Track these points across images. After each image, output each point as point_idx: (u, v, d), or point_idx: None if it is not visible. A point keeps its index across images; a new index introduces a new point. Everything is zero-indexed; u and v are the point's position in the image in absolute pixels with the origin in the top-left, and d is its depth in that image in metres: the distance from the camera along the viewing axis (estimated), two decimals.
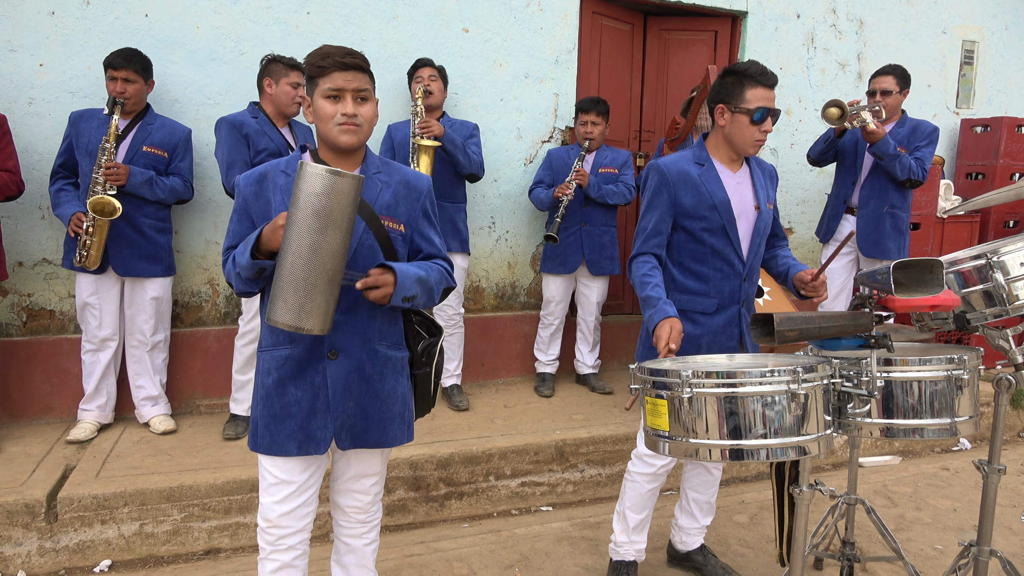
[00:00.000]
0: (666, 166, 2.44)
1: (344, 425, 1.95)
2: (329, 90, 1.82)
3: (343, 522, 2.14)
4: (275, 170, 1.94)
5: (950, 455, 4.32)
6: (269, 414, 1.94)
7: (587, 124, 4.16)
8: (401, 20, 4.20)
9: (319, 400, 1.93)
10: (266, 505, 1.98)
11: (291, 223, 1.67)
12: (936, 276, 1.85)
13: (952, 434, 1.96)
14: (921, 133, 4.18)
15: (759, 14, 5.05)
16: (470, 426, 3.76)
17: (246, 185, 1.93)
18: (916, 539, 3.22)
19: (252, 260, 1.77)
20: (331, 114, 1.83)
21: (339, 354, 1.92)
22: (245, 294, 1.94)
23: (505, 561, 2.98)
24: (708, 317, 2.46)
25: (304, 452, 1.94)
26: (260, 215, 1.90)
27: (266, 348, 1.96)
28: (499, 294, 4.69)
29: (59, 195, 3.46)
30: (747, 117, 2.34)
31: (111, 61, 3.36)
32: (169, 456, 3.32)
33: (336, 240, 1.68)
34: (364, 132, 1.88)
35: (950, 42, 5.73)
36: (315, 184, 1.64)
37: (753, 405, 1.73)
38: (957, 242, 5.32)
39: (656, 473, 2.58)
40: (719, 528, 3.28)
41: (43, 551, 2.88)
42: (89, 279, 3.48)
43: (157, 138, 3.51)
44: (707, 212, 2.41)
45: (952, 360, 1.95)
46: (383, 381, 1.98)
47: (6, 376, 3.64)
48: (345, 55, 1.82)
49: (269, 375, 1.95)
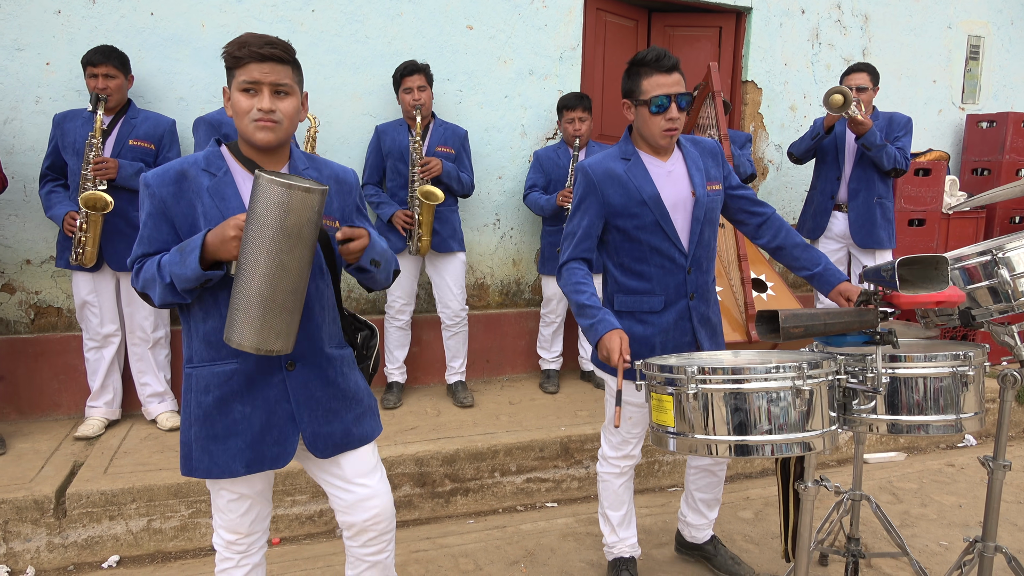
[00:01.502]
0: (591, 166, 2.36)
1: (317, 434, 1.85)
2: (245, 82, 1.67)
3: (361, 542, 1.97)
4: (194, 169, 1.76)
5: (955, 451, 4.31)
6: (208, 435, 1.79)
7: (574, 121, 4.11)
8: (405, 17, 4.20)
9: (275, 415, 1.81)
10: (232, 520, 1.89)
11: (253, 240, 1.54)
12: (941, 272, 1.85)
13: (957, 430, 1.96)
14: (897, 124, 4.24)
15: (764, 10, 5.04)
16: (475, 423, 3.77)
17: (160, 186, 1.73)
18: (921, 535, 3.23)
19: (200, 271, 1.61)
20: (247, 109, 1.68)
21: (296, 364, 1.81)
22: (168, 306, 1.75)
23: (511, 557, 3.00)
24: (657, 316, 2.38)
25: (254, 470, 1.81)
26: (183, 219, 1.74)
27: (201, 363, 1.79)
28: (503, 291, 4.69)
29: (50, 197, 3.46)
30: (646, 107, 2.26)
31: (90, 59, 3.36)
32: (176, 452, 3.34)
33: (304, 257, 1.59)
34: (284, 129, 1.72)
35: (956, 37, 5.71)
36: (282, 201, 1.51)
37: (758, 401, 1.73)
38: (962, 238, 5.31)
39: (622, 471, 2.60)
40: (724, 524, 3.29)
41: (52, 547, 2.91)
42: (86, 278, 3.49)
43: (142, 131, 3.51)
44: (637, 208, 2.32)
45: (957, 356, 1.95)
46: (346, 380, 1.91)
47: (14, 373, 3.66)
48: (263, 44, 1.67)
49: (208, 393, 1.78)
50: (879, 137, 4.07)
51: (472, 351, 4.38)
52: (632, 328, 2.37)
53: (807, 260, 2.42)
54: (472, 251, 4.54)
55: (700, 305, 2.43)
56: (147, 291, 1.74)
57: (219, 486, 1.88)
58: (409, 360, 4.27)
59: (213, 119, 3.43)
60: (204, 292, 1.74)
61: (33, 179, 3.63)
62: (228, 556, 1.95)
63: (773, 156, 5.29)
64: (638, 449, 2.59)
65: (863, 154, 4.19)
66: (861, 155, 4.21)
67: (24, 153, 3.63)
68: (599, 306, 2.25)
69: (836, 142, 4.32)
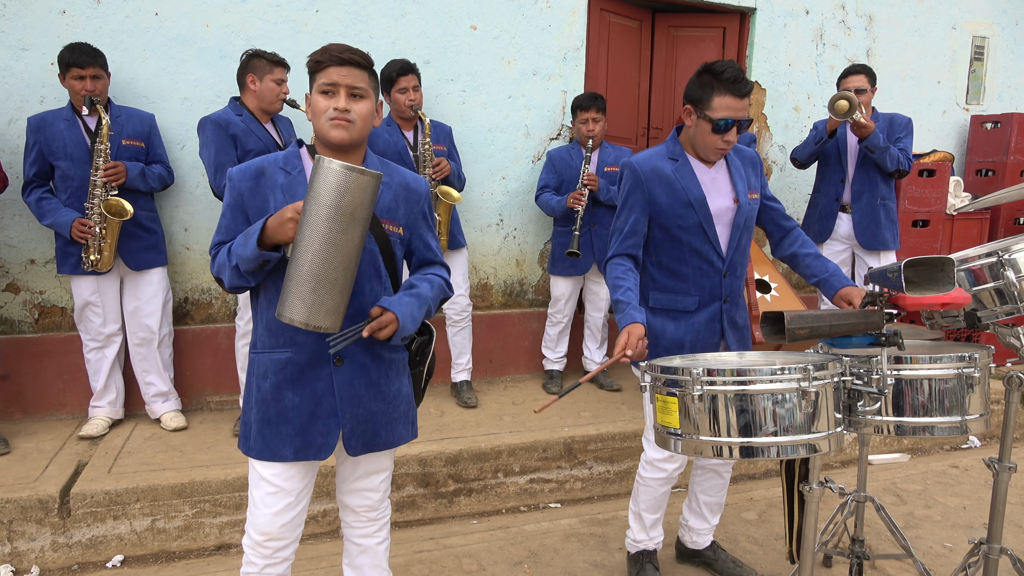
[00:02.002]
0: (639, 164, 2.39)
1: (354, 432, 1.93)
2: (324, 84, 1.79)
3: (354, 523, 2.12)
4: (272, 167, 1.88)
5: (959, 453, 4.30)
6: (263, 418, 1.89)
7: (588, 122, 4.11)
8: (409, 18, 4.20)
9: (321, 406, 1.89)
10: (264, 517, 1.92)
11: (309, 218, 1.63)
12: (947, 274, 1.85)
13: (963, 432, 1.95)
14: (899, 125, 4.24)
15: (768, 10, 5.04)
16: (479, 423, 3.77)
17: (241, 180, 1.86)
18: (925, 537, 3.22)
19: (258, 251, 1.72)
20: (324, 109, 1.79)
21: (344, 360, 1.89)
22: (237, 289, 1.87)
23: (514, 557, 2.99)
24: (690, 315, 2.43)
25: (300, 458, 1.89)
26: (257, 212, 1.85)
27: (263, 350, 1.90)
28: (507, 291, 4.69)
29: (41, 204, 3.38)
30: (710, 125, 2.28)
31: (76, 60, 3.28)
32: (180, 452, 3.35)
33: (356, 238, 1.67)
34: (357, 129, 1.82)
35: (960, 38, 5.70)
36: (339, 181, 1.61)
37: (764, 403, 1.73)
38: (967, 239, 5.29)
39: (669, 477, 2.58)
40: (728, 525, 3.28)
41: (56, 546, 2.91)
42: (89, 279, 3.47)
43: (131, 130, 3.49)
44: (682, 209, 2.36)
45: (963, 358, 1.95)
46: (389, 384, 1.97)
47: (19, 373, 3.67)
48: (343, 51, 1.79)
49: (266, 378, 1.89)
50: (882, 139, 4.08)
51: (476, 351, 4.38)
52: (664, 325, 2.41)
53: (818, 268, 2.49)
54: (475, 251, 4.54)
55: (731, 308, 2.49)
56: (220, 275, 1.84)
57: (260, 475, 1.92)
58: None
59: (220, 119, 3.41)
60: (268, 280, 1.85)
61: None
62: (253, 560, 1.96)
63: (777, 157, 5.28)
64: None
65: (865, 156, 4.19)
66: (863, 157, 4.21)
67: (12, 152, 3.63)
68: (631, 301, 2.30)
69: (838, 145, 4.32)
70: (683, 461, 2.57)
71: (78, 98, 3.34)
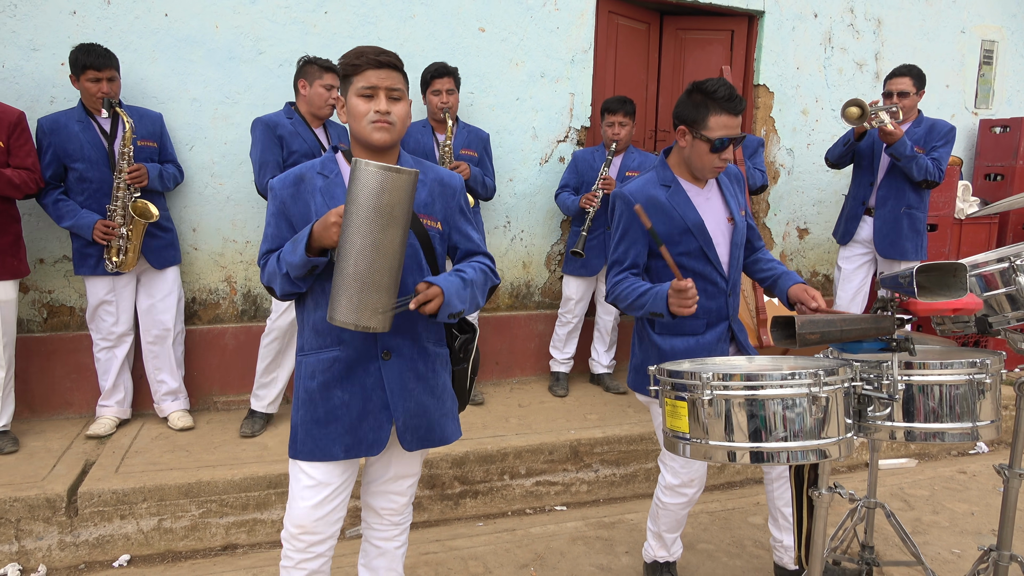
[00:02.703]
0: (632, 194, 2.34)
1: (407, 426, 1.93)
2: (363, 88, 1.81)
3: (376, 524, 2.12)
4: (311, 172, 1.92)
5: (967, 458, 4.28)
6: (312, 418, 1.90)
7: (614, 125, 4.10)
8: (418, 20, 4.21)
9: (371, 402, 1.90)
10: (300, 510, 1.91)
11: (351, 221, 1.65)
12: (960, 280, 1.84)
13: (973, 438, 1.94)
14: (938, 133, 4.14)
15: (776, 13, 5.03)
16: (485, 425, 3.77)
17: (282, 188, 1.90)
18: (933, 543, 3.20)
19: (306, 257, 1.75)
20: (364, 112, 1.81)
21: (392, 354, 1.90)
22: (289, 296, 1.90)
23: (520, 560, 2.99)
24: (699, 336, 2.41)
25: (352, 455, 1.90)
26: (299, 218, 1.88)
27: (310, 351, 1.92)
28: (514, 293, 4.69)
29: (60, 206, 3.39)
30: (707, 145, 2.26)
31: (93, 63, 3.29)
32: (187, 452, 3.35)
33: (397, 237, 1.69)
34: (397, 130, 1.85)
35: (969, 42, 5.68)
36: (376, 182, 1.63)
37: (774, 407, 1.72)
38: (975, 244, 5.27)
39: (690, 500, 2.54)
40: (735, 529, 3.27)
41: (63, 545, 2.92)
42: (106, 279, 3.49)
43: (143, 130, 3.51)
44: (681, 236, 2.33)
45: (974, 364, 1.94)
46: (436, 378, 1.98)
47: (27, 372, 3.68)
48: (379, 53, 1.82)
49: (313, 378, 1.90)
50: (909, 147, 3.98)
51: (482, 353, 4.38)
52: (673, 343, 2.38)
53: (768, 268, 2.53)
54: None
55: (735, 325, 2.48)
56: (271, 284, 1.88)
57: (299, 467, 1.92)
58: None
59: (270, 120, 3.51)
60: (315, 283, 1.86)
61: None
62: (288, 554, 1.97)
63: (785, 160, 5.27)
64: (704, 469, 2.51)
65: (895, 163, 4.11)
66: (893, 163, 4.12)
67: None
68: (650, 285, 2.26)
69: (873, 148, 4.24)
70: (702, 483, 2.53)
71: (92, 100, 3.35)
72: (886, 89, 4.19)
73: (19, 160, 3.27)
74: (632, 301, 2.29)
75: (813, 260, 5.49)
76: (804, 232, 5.42)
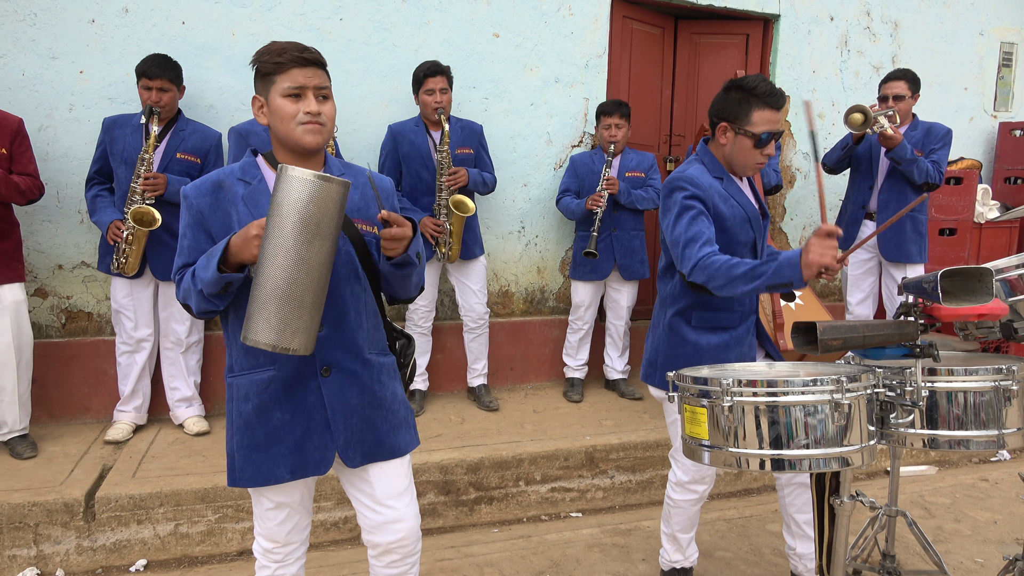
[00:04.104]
0: (696, 178, 2.30)
1: (350, 442, 1.83)
2: (289, 88, 1.69)
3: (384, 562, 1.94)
4: (230, 178, 1.78)
5: (989, 466, 4.22)
6: (250, 444, 1.79)
7: (611, 128, 4.11)
8: (432, 26, 4.22)
9: (314, 420, 1.80)
10: (269, 529, 1.89)
11: (272, 233, 1.51)
12: (985, 285, 1.81)
13: (1000, 447, 1.91)
14: (935, 136, 4.12)
15: (792, 17, 5.00)
16: (500, 431, 3.76)
17: (198, 196, 1.76)
18: (955, 551, 3.16)
19: (219, 273, 1.60)
20: (292, 113, 1.70)
21: (332, 370, 1.80)
22: (206, 315, 1.75)
23: (536, 567, 2.97)
24: (732, 329, 2.40)
25: (299, 476, 1.81)
26: (220, 228, 1.75)
27: (241, 372, 1.80)
28: (528, 299, 4.68)
29: (95, 201, 3.51)
30: (751, 140, 2.24)
31: (145, 70, 3.37)
32: (203, 457, 3.36)
33: (324, 252, 1.55)
34: (327, 131, 1.75)
35: (988, 44, 5.62)
36: (302, 191, 1.49)
37: (795, 414, 1.70)
38: (995, 248, 5.21)
39: (700, 497, 2.54)
40: (753, 537, 3.24)
41: (81, 550, 2.93)
42: (124, 282, 3.54)
43: (190, 144, 3.54)
44: (741, 227, 2.33)
45: (1000, 370, 1.90)
46: (383, 389, 1.89)
47: (45, 377, 3.71)
48: (303, 50, 1.71)
49: (248, 401, 1.79)
50: (910, 151, 3.96)
51: (496, 359, 4.37)
52: (708, 338, 2.37)
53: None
54: (497, 258, 4.53)
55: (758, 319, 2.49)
56: (187, 301, 1.75)
57: (259, 493, 1.87)
58: (431, 367, 4.26)
59: (242, 129, 3.48)
60: (240, 298, 1.73)
61: (66, 185, 3.69)
62: (265, 564, 1.95)
63: (801, 164, 5.23)
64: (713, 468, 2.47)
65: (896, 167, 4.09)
66: (893, 167, 4.11)
67: (58, 160, 3.69)
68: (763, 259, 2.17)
69: (871, 152, 4.23)
70: (712, 480, 2.53)
71: (146, 107, 3.41)
72: (881, 93, 4.16)
73: (21, 167, 3.30)
74: (743, 272, 2.06)
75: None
76: None
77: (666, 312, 2.44)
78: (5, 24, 3.55)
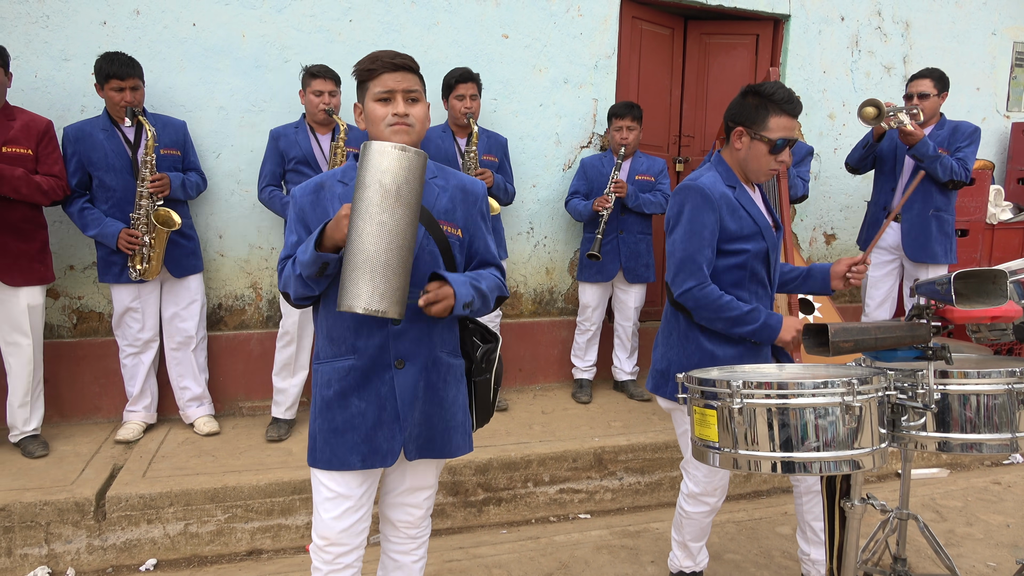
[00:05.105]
0: (708, 187, 2.28)
1: (411, 435, 1.90)
2: (380, 92, 1.79)
3: (393, 537, 2.09)
4: (331, 180, 1.90)
5: (1001, 469, 4.18)
6: (329, 428, 1.87)
7: (622, 130, 4.11)
8: (442, 27, 4.22)
9: (385, 411, 1.87)
10: (324, 522, 1.90)
11: (357, 206, 1.62)
12: (999, 287, 1.79)
13: (1013, 450, 1.89)
14: (962, 134, 4.06)
15: (802, 17, 4.98)
16: (508, 432, 3.75)
17: (302, 196, 1.89)
18: (967, 555, 3.13)
19: (316, 252, 1.70)
20: (382, 116, 1.79)
21: (406, 363, 1.86)
22: (303, 301, 1.86)
23: (544, 568, 2.97)
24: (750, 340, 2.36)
25: (369, 465, 1.87)
26: (318, 224, 1.83)
27: (325, 359, 1.90)
28: (537, 300, 4.68)
29: (85, 215, 3.42)
30: (767, 146, 2.23)
31: (116, 72, 3.30)
32: (213, 457, 3.37)
33: (406, 219, 1.63)
34: (416, 132, 1.82)
35: (1000, 44, 5.58)
36: (381, 160, 1.60)
37: (806, 417, 1.69)
38: (1008, 249, 5.16)
39: (713, 508, 2.51)
40: (762, 540, 3.22)
41: (91, 549, 2.94)
42: (131, 286, 3.52)
43: (167, 139, 3.53)
44: (751, 236, 2.30)
45: (1014, 373, 1.89)
46: (446, 389, 1.94)
47: (57, 376, 3.73)
48: (394, 56, 1.80)
49: (329, 387, 1.88)
50: (932, 148, 3.91)
51: (505, 360, 4.36)
52: (725, 349, 2.33)
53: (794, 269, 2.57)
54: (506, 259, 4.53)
55: None
56: (287, 288, 1.84)
57: (321, 481, 1.91)
58: None
59: (276, 132, 3.68)
60: (329, 287, 1.83)
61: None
62: (317, 566, 1.96)
63: (812, 165, 5.20)
64: (727, 478, 2.48)
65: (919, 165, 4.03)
66: (917, 166, 4.04)
67: None
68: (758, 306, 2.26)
69: (896, 151, 4.17)
70: (724, 492, 2.50)
71: (116, 109, 3.38)
72: (907, 91, 4.13)
73: (47, 168, 3.31)
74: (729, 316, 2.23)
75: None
76: (831, 238, 5.35)
77: (679, 320, 2.39)
78: (18, 26, 3.57)
